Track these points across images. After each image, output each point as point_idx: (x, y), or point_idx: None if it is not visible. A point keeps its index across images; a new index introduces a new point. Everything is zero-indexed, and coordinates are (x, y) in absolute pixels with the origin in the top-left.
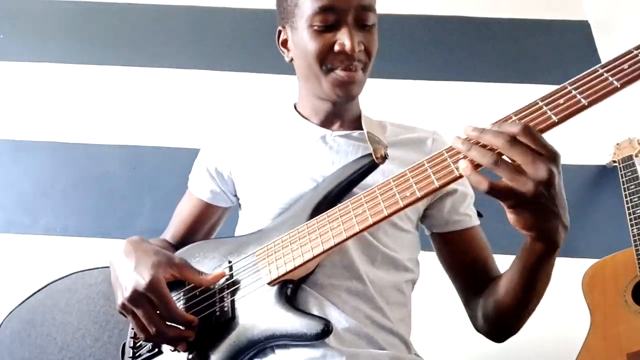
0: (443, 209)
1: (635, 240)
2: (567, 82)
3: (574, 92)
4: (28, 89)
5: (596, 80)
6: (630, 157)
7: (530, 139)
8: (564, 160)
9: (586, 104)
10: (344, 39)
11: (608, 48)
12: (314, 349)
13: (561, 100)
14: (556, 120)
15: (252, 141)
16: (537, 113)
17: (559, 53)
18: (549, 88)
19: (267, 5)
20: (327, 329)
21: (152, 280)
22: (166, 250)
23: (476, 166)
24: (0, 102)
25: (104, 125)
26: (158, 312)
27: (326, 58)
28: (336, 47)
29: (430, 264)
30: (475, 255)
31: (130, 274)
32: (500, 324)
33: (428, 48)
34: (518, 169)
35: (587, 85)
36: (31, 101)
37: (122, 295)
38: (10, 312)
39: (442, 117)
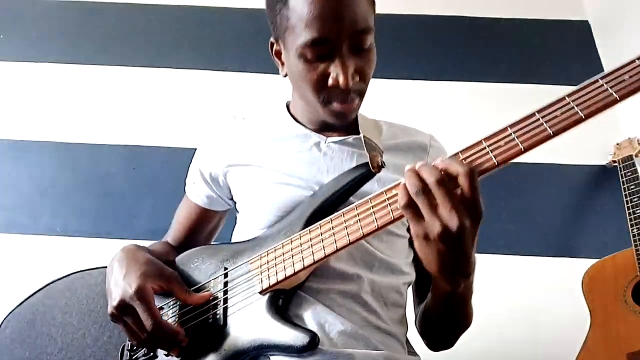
0: None
1: (635, 240)
2: (566, 94)
3: (572, 104)
4: (28, 89)
5: (595, 92)
6: (630, 157)
7: (468, 183)
8: (565, 160)
9: (583, 116)
10: (337, 72)
11: (608, 48)
12: (309, 355)
13: (558, 112)
14: (551, 133)
15: (246, 146)
16: (533, 125)
17: (559, 53)
18: (549, 88)
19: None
20: (313, 342)
21: (138, 290)
22: (159, 261)
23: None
24: (0, 102)
25: (104, 125)
26: (143, 320)
27: (321, 90)
28: (330, 81)
29: None
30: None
31: (119, 283)
32: (426, 336)
33: (428, 48)
34: (433, 208)
35: (585, 97)
36: (31, 101)
37: (111, 303)
38: (10, 312)
39: (441, 117)
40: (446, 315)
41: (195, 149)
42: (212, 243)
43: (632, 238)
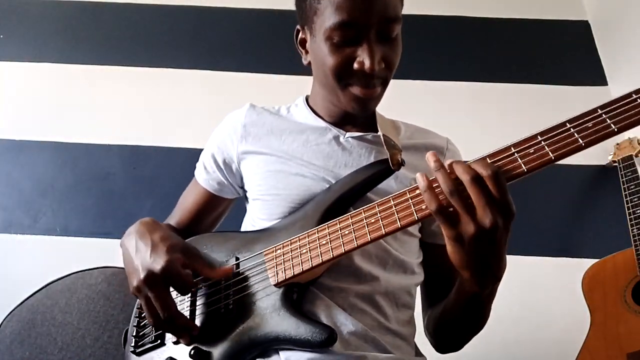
0: (433, 222)
1: (635, 240)
2: (567, 120)
3: (572, 131)
4: (28, 89)
5: (594, 122)
6: (630, 157)
7: (494, 184)
8: (564, 160)
9: (583, 144)
10: (364, 57)
11: (608, 48)
12: (319, 352)
13: (558, 138)
14: (553, 158)
15: (263, 135)
16: (536, 147)
17: (559, 53)
18: (549, 88)
19: (267, 5)
20: (331, 338)
21: (169, 263)
22: (179, 236)
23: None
24: (0, 102)
25: (104, 125)
26: (175, 289)
27: (344, 74)
28: (355, 65)
29: None
30: (445, 272)
31: (147, 256)
32: (439, 338)
33: (428, 48)
34: (469, 207)
35: (584, 126)
36: (31, 101)
37: (137, 277)
38: (10, 312)
39: (441, 117)
40: (467, 317)
41: (196, 149)
42: (218, 231)
43: (632, 238)
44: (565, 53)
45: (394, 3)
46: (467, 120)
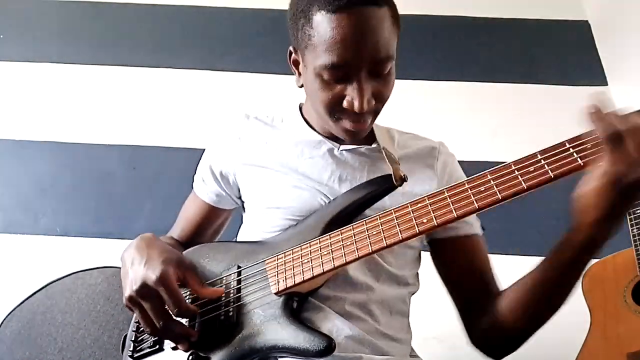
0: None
1: (635, 240)
2: (566, 140)
3: (571, 151)
4: (28, 89)
5: (591, 144)
6: None
7: None
8: None
9: (582, 164)
10: (353, 96)
11: (608, 48)
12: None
13: (560, 156)
14: (552, 176)
15: (259, 147)
16: (536, 165)
17: (559, 53)
18: (549, 88)
19: (267, 5)
20: (330, 347)
21: (162, 275)
22: (177, 250)
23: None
24: (0, 102)
25: (104, 125)
26: (167, 305)
27: (334, 109)
28: (345, 104)
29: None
30: (472, 266)
31: (141, 268)
32: (503, 336)
33: (428, 48)
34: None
35: (583, 146)
36: (31, 101)
37: (130, 288)
38: (10, 312)
39: (441, 117)
40: (556, 289)
41: (195, 149)
42: (219, 240)
43: (632, 238)
44: (565, 53)
45: (387, 41)
46: (466, 121)
